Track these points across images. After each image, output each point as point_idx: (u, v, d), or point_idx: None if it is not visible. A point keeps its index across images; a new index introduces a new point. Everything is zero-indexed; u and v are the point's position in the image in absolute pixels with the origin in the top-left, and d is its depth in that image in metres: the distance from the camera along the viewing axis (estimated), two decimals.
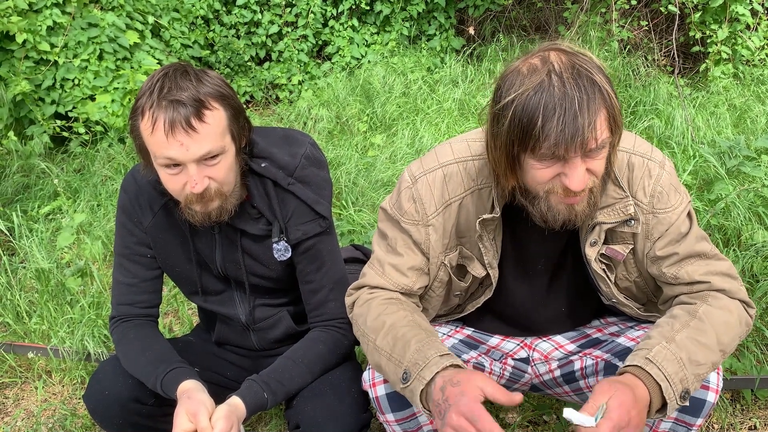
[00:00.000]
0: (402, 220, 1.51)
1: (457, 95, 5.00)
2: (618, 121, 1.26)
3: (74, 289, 2.97)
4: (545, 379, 1.72)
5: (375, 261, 1.55)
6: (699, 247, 1.45)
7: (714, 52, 5.08)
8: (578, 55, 1.26)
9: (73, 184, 4.24)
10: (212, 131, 1.46)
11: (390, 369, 1.37)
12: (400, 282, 1.52)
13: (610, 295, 1.55)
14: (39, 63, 4.81)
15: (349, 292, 1.60)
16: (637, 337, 1.60)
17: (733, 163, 3.25)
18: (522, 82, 1.24)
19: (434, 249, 1.52)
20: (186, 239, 1.73)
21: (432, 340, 1.35)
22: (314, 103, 5.42)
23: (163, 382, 1.62)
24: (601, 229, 1.45)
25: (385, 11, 6.02)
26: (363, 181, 3.84)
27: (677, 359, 1.28)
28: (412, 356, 1.32)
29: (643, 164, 1.45)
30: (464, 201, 1.49)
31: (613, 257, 1.49)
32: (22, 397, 2.58)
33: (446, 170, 1.49)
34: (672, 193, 1.45)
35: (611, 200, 1.43)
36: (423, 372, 1.29)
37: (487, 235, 1.49)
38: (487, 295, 1.61)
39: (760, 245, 2.77)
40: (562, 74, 1.21)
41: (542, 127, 1.20)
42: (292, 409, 1.68)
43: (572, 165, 1.25)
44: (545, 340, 1.73)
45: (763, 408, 2.24)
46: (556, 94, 1.20)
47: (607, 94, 1.23)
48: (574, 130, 1.19)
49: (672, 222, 1.45)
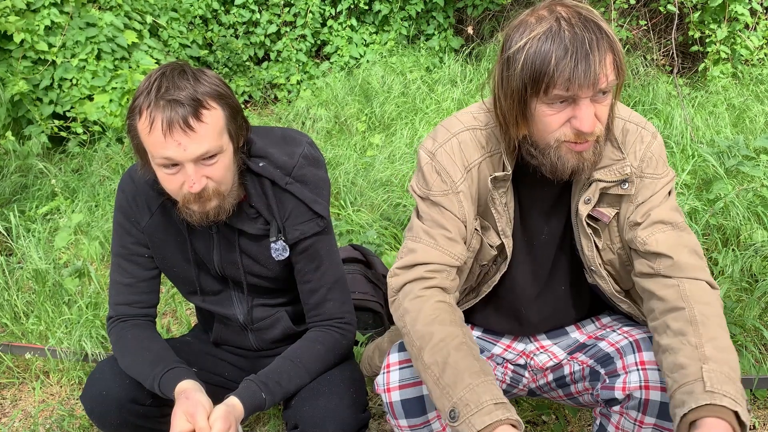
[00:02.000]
0: (431, 194, 1.51)
1: (456, 95, 5.00)
2: (622, 66, 1.32)
3: (72, 290, 2.96)
4: (540, 383, 1.73)
5: (423, 235, 1.50)
6: (672, 215, 1.48)
7: (713, 51, 5.08)
8: (582, 7, 1.33)
9: (71, 184, 4.23)
10: (210, 131, 1.46)
11: (436, 394, 1.32)
12: (456, 251, 1.50)
13: (590, 261, 1.55)
14: (37, 63, 4.81)
15: (395, 272, 1.52)
16: (617, 342, 1.57)
17: (732, 163, 3.25)
18: (533, 28, 1.30)
19: (469, 215, 1.52)
20: (184, 239, 1.72)
21: (487, 381, 1.28)
22: (313, 103, 5.41)
23: (160, 382, 1.61)
24: (597, 187, 1.48)
25: (384, 11, 6.01)
26: (362, 181, 3.83)
27: (727, 377, 1.24)
28: (463, 393, 1.26)
29: (637, 131, 1.51)
30: (481, 166, 1.51)
31: (600, 218, 1.52)
32: (20, 398, 2.57)
33: (460, 138, 1.52)
34: (660, 163, 1.51)
35: (609, 161, 1.47)
36: (474, 418, 1.23)
37: (499, 198, 1.51)
38: (501, 270, 1.61)
39: (759, 245, 2.77)
40: (571, 20, 1.28)
41: (556, 66, 1.26)
42: (290, 409, 1.68)
43: (582, 107, 1.30)
44: (543, 351, 1.73)
45: (762, 408, 2.23)
46: (566, 36, 1.26)
47: (613, 38, 1.30)
48: (587, 66, 1.25)
49: (656, 190, 1.49)
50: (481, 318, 1.76)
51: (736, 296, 2.60)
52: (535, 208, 1.58)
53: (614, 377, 1.50)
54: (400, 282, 1.49)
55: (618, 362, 1.51)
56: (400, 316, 1.46)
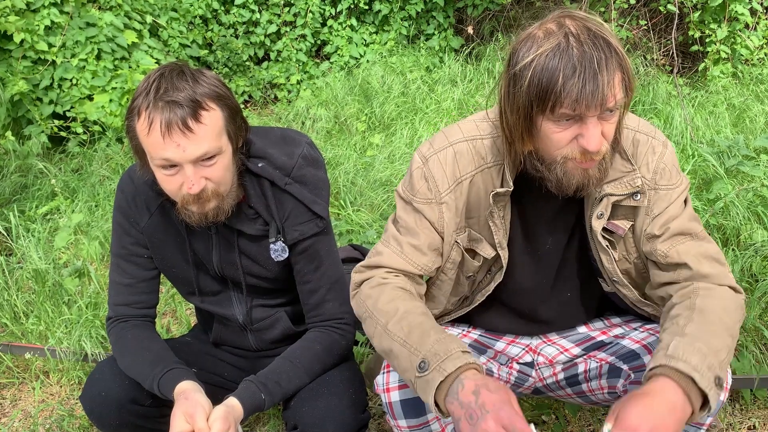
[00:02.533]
0: (415, 200, 1.51)
1: (456, 95, 4.99)
2: (631, 83, 1.31)
3: (71, 290, 2.96)
4: (548, 382, 1.72)
5: (392, 241, 1.53)
6: (691, 225, 1.47)
7: (713, 51, 5.08)
8: (590, 20, 1.30)
9: (71, 184, 4.23)
10: (209, 132, 1.46)
11: (403, 355, 1.34)
12: (420, 261, 1.51)
13: (612, 273, 1.55)
14: (37, 63, 4.81)
15: (359, 268, 1.55)
16: (641, 339, 1.59)
17: (732, 163, 3.25)
18: (540, 44, 1.28)
19: (448, 227, 1.51)
20: (183, 239, 1.72)
21: (452, 336, 1.33)
22: (313, 103, 5.41)
23: (160, 382, 1.61)
24: (608, 202, 1.47)
25: (384, 11, 6.01)
26: (361, 181, 3.83)
27: (696, 349, 1.24)
28: (432, 346, 1.29)
29: (648, 141, 1.49)
30: (474, 179, 1.50)
31: (615, 231, 1.51)
32: (20, 398, 2.57)
33: (456, 148, 1.50)
34: (674, 172, 1.49)
35: (619, 174, 1.46)
36: (444, 364, 1.26)
37: (498, 212, 1.50)
38: (497, 280, 1.61)
39: (759, 245, 2.76)
40: (579, 36, 1.26)
41: (563, 85, 1.24)
42: (289, 410, 1.68)
43: (589, 125, 1.29)
44: (550, 344, 1.72)
45: (762, 408, 2.23)
46: (575, 54, 1.24)
47: (622, 56, 1.28)
48: (595, 86, 1.23)
49: (672, 200, 1.47)
50: (484, 320, 1.76)
51: None
52: (539, 219, 1.56)
53: (642, 372, 1.49)
54: (361, 278, 1.53)
55: (646, 357, 1.52)
56: (361, 302, 1.49)
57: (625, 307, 1.65)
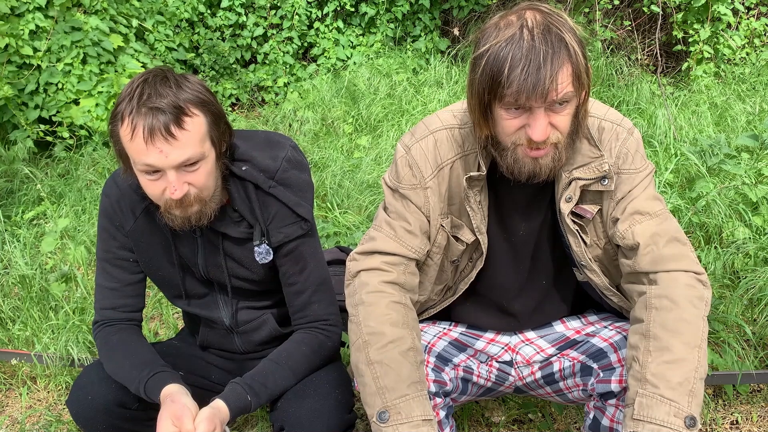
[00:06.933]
0: (401, 186, 1.57)
1: (442, 96, 5.02)
2: (582, 80, 1.35)
3: (58, 295, 2.96)
4: (528, 381, 1.75)
5: (384, 225, 1.58)
6: (648, 204, 1.50)
7: (696, 51, 5.14)
8: (553, 15, 1.35)
9: (58, 189, 4.21)
10: (192, 138, 1.46)
11: (370, 390, 1.42)
12: (413, 243, 1.56)
13: (580, 257, 1.58)
14: (22, 67, 4.79)
15: (354, 256, 1.60)
16: (609, 337, 1.62)
17: (714, 161, 3.29)
18: (497, 34, 1.33)
19: (434, 211, 1.57)
20: (168, 243, 1.73)
21: (421, 396, 1.40)
22: (300, 105, 5.42)
23: (146, 386, 1.62)
24: (576, 185, 1.51)
25: (370, 13, 6.03)
26: (348, 183, 3.85)
27: (660, 400, 1.30)
28: (398, 401, 1.38)
29: (612, 128, 1.54)
30: (455, 165, 1.56)
31: (583, 215, 1.56)
32: (7, 404, 2.57)
33: (437, 136, 1.57)
34: (638, 157, 1.53)
35: (587, 159, 1.50)
36: (402, 427, 1.36)
37: (474, 197, 1.55)
38: (478, 266, 1.65)
39: (740, 242, 2.80)
40: (533, 30, 1.30)
41: (507, 76, 1.29)
42: (276, 411, 1.69)
43: (535, 116, 1.33)
44: (528, 343, 1.75)
45: (745, 403, 2.26)
46: (524, 47, 1.29)
47: (574, 52, 1.32)
48: (536, 80, 1.28)
49: (635, 184, 1.51)
50: (465, 314, 1.78)
51: (719, 293, 2.63)
52: (513, 206, 1.61)
53: (609, 371, 1.55)
54: (357, 267, 1.57)
55: (612, 356, 1.56)
56: (354, 304, 1.53)
57: (599, 299, 1.68)
